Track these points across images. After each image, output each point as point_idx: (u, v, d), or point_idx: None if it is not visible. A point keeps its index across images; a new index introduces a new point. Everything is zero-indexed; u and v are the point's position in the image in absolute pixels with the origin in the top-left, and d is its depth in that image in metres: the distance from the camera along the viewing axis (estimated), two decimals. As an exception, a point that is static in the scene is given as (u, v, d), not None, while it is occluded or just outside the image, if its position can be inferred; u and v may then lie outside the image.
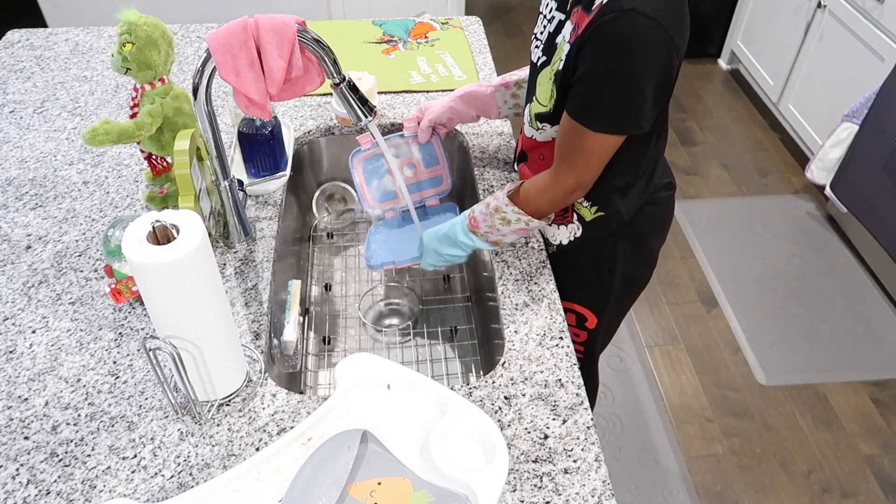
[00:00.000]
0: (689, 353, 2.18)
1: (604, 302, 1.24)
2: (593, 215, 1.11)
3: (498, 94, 1.23)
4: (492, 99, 1.24)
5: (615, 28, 0.84)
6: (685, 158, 2.97)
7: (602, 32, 0.86)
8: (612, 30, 0.85)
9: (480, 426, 0.78)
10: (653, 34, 0.84)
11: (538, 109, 1.04)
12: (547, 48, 1.01)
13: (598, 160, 0.97)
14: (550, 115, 1.03)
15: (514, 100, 1.24)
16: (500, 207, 1.04)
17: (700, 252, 2.52)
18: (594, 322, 1.26)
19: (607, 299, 1.23)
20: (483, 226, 1.06)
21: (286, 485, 0.75)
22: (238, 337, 0.91)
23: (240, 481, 0.75)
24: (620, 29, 0.84)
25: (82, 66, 1.61)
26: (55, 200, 1.23)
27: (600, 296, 1.23)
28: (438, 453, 0.76)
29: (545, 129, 1.06)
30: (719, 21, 3.44)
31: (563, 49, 0.95)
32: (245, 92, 0.92)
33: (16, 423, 0.89)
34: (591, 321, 1.26)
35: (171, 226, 0.75)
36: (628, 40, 0.85)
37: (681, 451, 1.91)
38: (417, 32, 1.74)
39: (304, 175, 1.46)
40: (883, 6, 2.28)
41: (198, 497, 0.73)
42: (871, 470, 1.87)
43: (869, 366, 2.13)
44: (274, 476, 0.76)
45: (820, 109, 2.68)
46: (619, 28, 0.84)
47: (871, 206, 2.09)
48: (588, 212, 1.11)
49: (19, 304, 1.04)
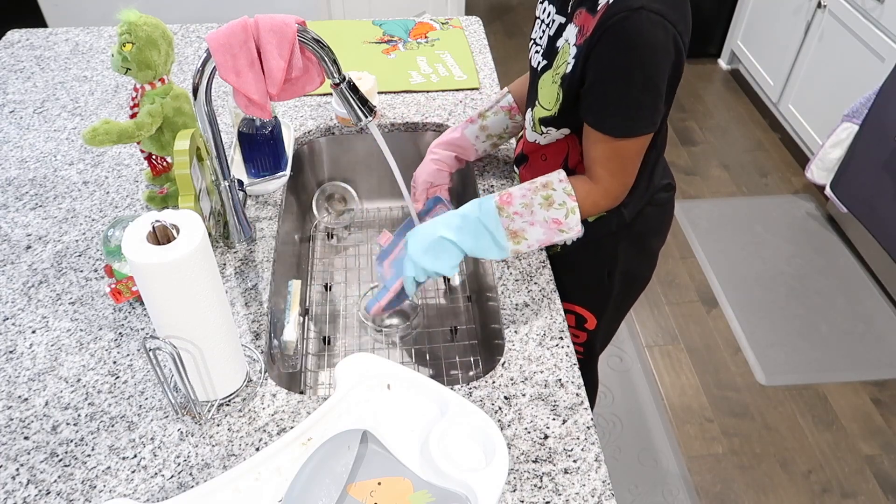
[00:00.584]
0: (689, 353, 2.18)
1: (604, 303, 1.23)
2: (595, 217, 1.11)
3: (467, 132, 1.21)
4: (465, 140, 1.21)
5: (626, 28, 0.84)
6: (685, 158, 2.97)
7: (613, 33, 0.85)
8: (622, 30, 0.84)
9: (480, 426, 0.78)
10: (662, 31, 0.84)
11: (542, 114, 1.03)
12: (548, 52, 1.01)
13: (634, 162, 0.97)
14: (555, 118, 1.01)
15: (484, 132, 1.22)
16: (551, 183, 0.96)
17: (700, 252, 2.52)
18: (594, 323, 1.26)
19: (607, 300, 1.23)
20: (517, 202, 0.95)
21: (286, 485, 0.75)
22: (238, 337, 0.91)
23: (240, 481, 0.75)
24: (631, 29, 0.84)
25: (82, 66, 1.61)
26: (55, 200, 1.23)
27: (600, 297, 1.23)
28: (438, 453, 0.76)
29: (549, 132, 1.05)
30: (719, 21, 3.44)
31: (567, 52, 0.95)
32: (245, 92, 0.92)
33: (16, 423, 0.89)
34: (590, 322, 1.26)
35: (171, 226, 0.75)
36: (641, 39, 0.84)
37: (681, 451, 1.91)
38: (417, 32, 1.74)
39: (304, 175, 1.46)
40: (883, 6, 2.28)
41: (198, 497, 0.73)
42: (871, 470, 1.87)
43: (869, 366, 2.13)
44: (274, 476, 0.76)
45: (820, 109, 2.68)
46: (629, 28, 0.84)
47: (871, 206, 2.09)
48: None
49: (19, 304, 1.04)
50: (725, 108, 3.27)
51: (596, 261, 1.17)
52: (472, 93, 1.52)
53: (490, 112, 1.21)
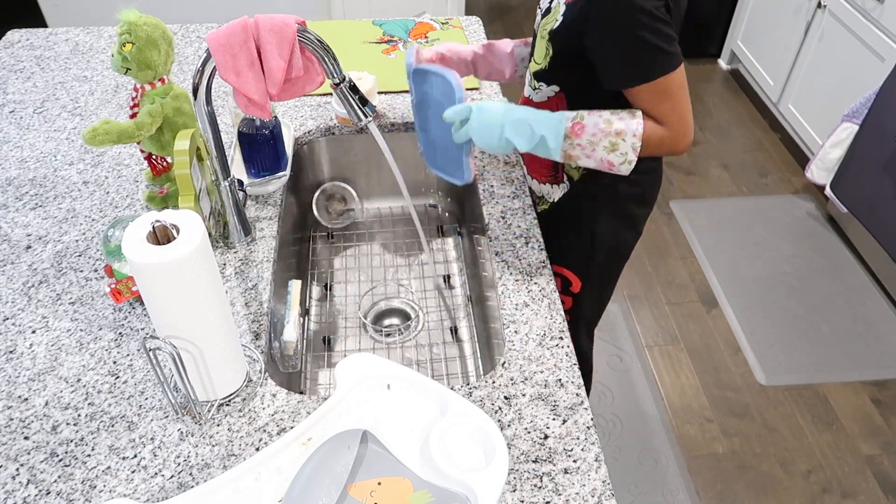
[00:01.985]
0: (689, 353, 2.18)
1: (586, 266, 1.28)
2: (579, 174, 1.18)
3: (517, 50, 1.24)
4: (510, 57, 1.24)
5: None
6: (685, 158, 2.97)
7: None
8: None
9: (480, 426, 0.78)
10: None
11: (535, 68, 1.12)
12: (545, 13, 1.08)
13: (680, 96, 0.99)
14: (546, 72, 1.09)
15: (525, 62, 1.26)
16: (624, 132, 0.99)
17: (700, 252, 2.52)
18: (578, 286, 1.29)
19: (590, 263, 1.27)
20: (585, 137, 1.00)
21: (286, 485, 0.75)
22: (238, 337, 0.91)
23: (240, 481, 0.75)
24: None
25: (82, 66, 1.61)
26: (55, 200, 1.23)
27: (583, 259, 1.27)
28: (438, 453, 0.76)
29: (541, 88, 1.12)
30: (719, 21, 3.44)
31: (558, 10, 1.02)
32: (245, 92, 0.92)
33: (16, 423, 0.89)
34: (575, 285, 1.30)
35: (171, 226, 0.75)
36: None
37: (681, 451, 1.91)
38: (417, 32, 1.74)
39: (304, 175, 1.46)
40: (883, 6, 2.28)
41: (198, 497, 0.73)
42: (871, 470, 1.87)
43: (869, 366, 2.13)
44: (274, 476, 0.76)
45: (820, 109, 2.68)
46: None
47: (871, 206, 2.09)
48: (576, 172, 1.18)
49: (19, 304, 1.04)
50: (725, 108, 3.27)
51: (578, 218, 1.22)
52: (472, 93, 1.53)
53: None
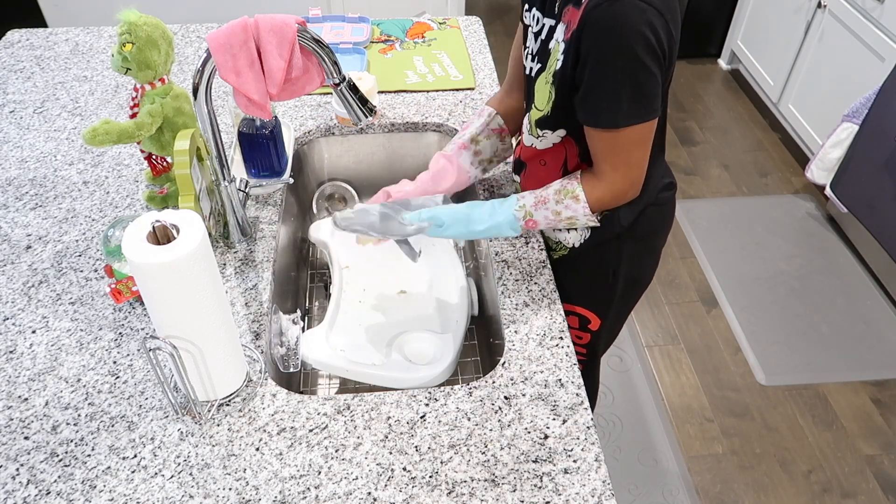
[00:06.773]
0: (689, 353, 2.18)
1: (607, 304, 1.23)
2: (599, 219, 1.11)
3: (461, 159, 1.17)
4: (459, 170, 1.16)
5: (604, 16, 0.84)
6: (685, 158, 2.97)
7: (593, 23, 0.85)
8: (601, 18, 0.84)
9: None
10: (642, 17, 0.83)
11: (537, 115, 1.04)
12: (541, 56, 1.00)
13: (635, 155, 0.96)
14: (549, 118, 1.02)
15: (477, 157, 1.18)
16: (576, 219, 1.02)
17: (700, 252, 2.52)
18: (597, 324, 1.26)
19: (611, 301, 1.23)
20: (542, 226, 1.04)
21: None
22: (238, 337, 0.91)
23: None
24: (610, 16, 0.83)
25: (82, 66, 1.61)
26: (55, 200, 1.23)
27: (604, 298, 1.22)
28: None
29: (546, 135, 1.05)
30: (719, 21, 3.44)
31: (557, 50, 0.95)
32: (245, 92, 0.92)
33: (16, 423, 0.89)
34: (594, 323, 1.26)
35: (171, 226, 0.75)
36: (619, 26, 0.83)
37: (681, 451, 1.91)
38: (414, 32, 1.74)
39: (304, 175, 1.46)
40: (883, 6, 2.28)
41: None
42: (871, 470, 1.87)
43: (869, 366, 2.13)
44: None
45: (820, 109, 2.68)
46: (608, 16, 0.83)
47: (871, 206, 2.09)
48: None
49: (19, 304, 1.04)
50: (725, 108, 3.27)
51: (600, 263, 1.17)
52: (472, 93, 1.52)
53: (482, 136, 1.17)
